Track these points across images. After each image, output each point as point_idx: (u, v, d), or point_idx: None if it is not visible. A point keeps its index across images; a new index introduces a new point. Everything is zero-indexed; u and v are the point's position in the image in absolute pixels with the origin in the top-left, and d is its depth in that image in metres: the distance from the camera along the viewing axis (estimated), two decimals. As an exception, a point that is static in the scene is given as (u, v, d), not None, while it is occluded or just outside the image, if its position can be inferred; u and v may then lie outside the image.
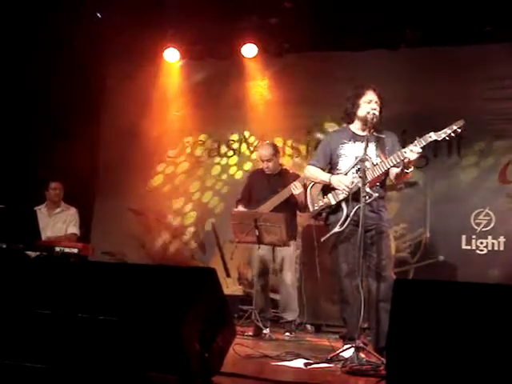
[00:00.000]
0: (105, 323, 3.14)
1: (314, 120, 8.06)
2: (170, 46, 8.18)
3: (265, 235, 5.97)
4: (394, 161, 4.53)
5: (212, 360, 3.19)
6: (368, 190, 4.47)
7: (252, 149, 8.37)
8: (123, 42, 7.98)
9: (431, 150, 7.39)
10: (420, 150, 4.40)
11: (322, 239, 4.83)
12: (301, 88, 7.85)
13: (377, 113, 4.67)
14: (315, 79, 7.79)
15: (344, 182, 4.65)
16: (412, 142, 4.46)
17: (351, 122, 4.83)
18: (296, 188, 5.96)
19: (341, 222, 4.63)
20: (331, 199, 4.74)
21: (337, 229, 4.65)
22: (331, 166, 4.86)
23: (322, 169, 4.87)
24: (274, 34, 7.77)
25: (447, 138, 4.45)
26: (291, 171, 6.54)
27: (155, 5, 7.26)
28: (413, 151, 4.39)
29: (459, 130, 4.42)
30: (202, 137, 8.58)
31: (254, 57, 8.04)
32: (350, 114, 4.82)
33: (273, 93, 8.22)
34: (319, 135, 8.03)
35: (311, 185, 4.94)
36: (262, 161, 6.39)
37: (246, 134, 8.42)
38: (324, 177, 4.81)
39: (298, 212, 6.30)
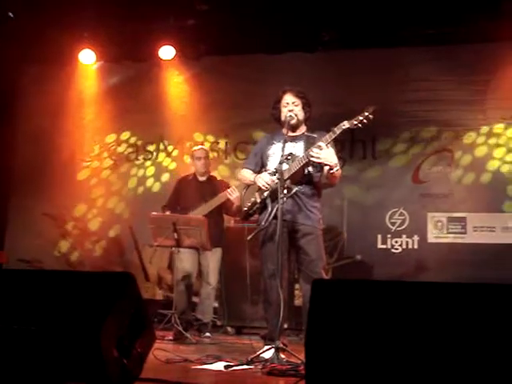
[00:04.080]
0: (20, 332, 3.05)
1: (232, 123, 8.08)
2: (85, 47, 8.02)
3: (184, 238, 5.97)
4: (305, 158, 4.61)
5: (131, 366, 3.14)
6: (288, 184, 4.52)
7: (172, 159, 8.32)
8: (37, 43, 7.77)
9: (347, 151, 7.58)
10: (324, 145, 4.50)
11: (248, 237, 4.86)
12: (218, 91, 7.86)
13: (293, 114, 4.76)
14: (232, 82, 7.81)
15: (264, 178, 4.73)
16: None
17: (282, 126, 4.88)
18: (233, 192, 6.03)
19: (265, 219, 4.67)
20: (257, 198, 4.81)
21: (261, 225, 4.70)
22: (262, 167, 4.92)
23: (253, 170, 4.94)
24: (192, 37, 7.73)
25: (360, 125, 4.51)
26: (219, 178, 6.63)
27: (70, 5, 7.10)
28: (319, 147, 4.50)
29: (371, 116, 4.50)
30: (119, 139, 8.46)
31: (172, 59, 7.97)
32: (276, 118, 4.92)
33: (191, 96, 8.19)
34: (236, 137, 8.10)
35: (245, 189, 4.99)
36: (199, 158, 6.47)
37: (165, 142, 8.35)
38: (251, 177, 4.90)
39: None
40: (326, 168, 4.59)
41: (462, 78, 7.40)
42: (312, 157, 4.51)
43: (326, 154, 4.52)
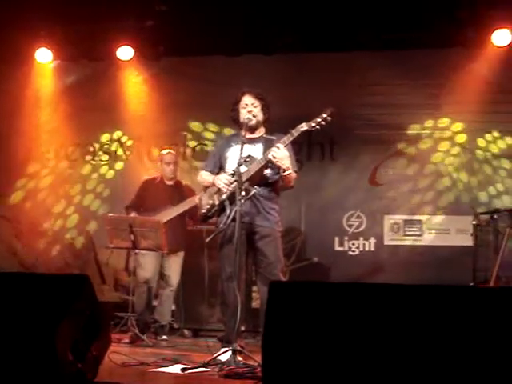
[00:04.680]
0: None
1: (189, 124, 8.06)
2: (42, 46, 7.89)
3: (141, 240, 5.94)
4: (264, 160, 4.61)
5: (86, 370, 3.10)
6: (247, 186, 4.51)
7: (125, 150, 8.26)
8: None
9: (305, 153, 7.62)
10: (282, 146, 4.51)
11: (207, 240, 4.86)
12: (177, 92, 7.80)
13: (251, 116, 4.75)
14: (192, 83, 7.76)
15: (222, 179, 4.72)
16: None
17: (240, 128, 4.87)
18: None
19: (223, 221, 4.65)
20: (215, 200, 4.79)
21: (220, 227, 4.69)
22: (221, 169, 4.90)
23: (211, 172, 4.92)
24: (151, 37, 7.67)
25: (318, 127, 4.53)
26: (184, 183, 6.59)
27: (27, 3, 6.98)
28: (274, 151, 4.51)
29: (329, 118, 4.52)
30: (76, 139, 8.35)
31: (131, 59, 7.90)
32: (235, 120, 4.91)
33: (149, 96, 8.13)
34: (195, 139, 8.09)
35: (203, 191, 4.97)
36: (168, 163, 6.44)
37: (119, 133, 8.28)
38: (210, 179, 4.89)
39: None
40: (281, 172, 4.61)
41: (416, 82, 7.50)
42: (273, 157, 4.51)
43: (281, 156, 4.53)
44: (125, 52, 7.80)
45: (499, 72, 7.22)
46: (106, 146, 8.32)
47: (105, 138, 8.33)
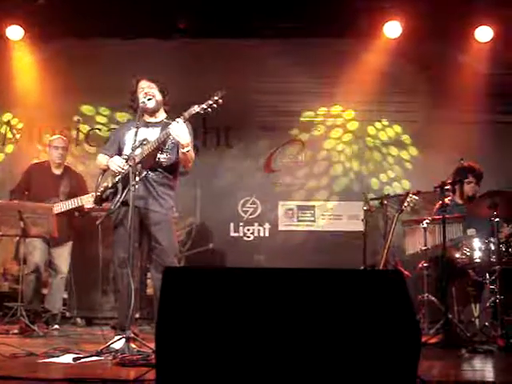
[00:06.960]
0: None
1: (81, 107, 7.87)
2: None
3: (31, 227, 5.76)
4: (161, 139, 4.58)
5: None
6: (139, 169, 4.47)
7: (16, 133, 7.96)
8: None
9: (200, 139, 7.59)
10: (181, 121, 4.49)
11: (98, 222, 4.79)
12: (70, 74, 7.56)
13: (146, 100, 4.71)
14: (82, 66, 7.54)
15: (116, 162, 4.68)
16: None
17: (142, 114, 4.79)
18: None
19: (115, 202, 4.61)
20: (109, 183, 4.75)
21: (110, 210, 4.64)
22: (120, 153, 4.83)
23: (110, 156, 4.85)
24: (42, 17, 7.39)
25: (210, 110, 4.51)
26: (73, 170, 6.42)
27: None
28: (174, 125, 4.48)
29: (220, 101, 4.51)
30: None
31: (21, 40, 7.60)
32: (135, 109, 4.84)
33: (41, 78, 7.83)
34: (89, 124, 7.92)
35: (100, 175, 4.87)
36: (56, 147, 6.24)
37: (9, 115, 7.97)
38: (105, 161, 4.83)
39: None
40: (181, 149, 4.58)
41: (311, 70, 7.65)
42: (173, 131, 4.47)
43: (180, 131, 4.50)
44: (14, 31, 7.50)
45: (390, 63, 7.45)
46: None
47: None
